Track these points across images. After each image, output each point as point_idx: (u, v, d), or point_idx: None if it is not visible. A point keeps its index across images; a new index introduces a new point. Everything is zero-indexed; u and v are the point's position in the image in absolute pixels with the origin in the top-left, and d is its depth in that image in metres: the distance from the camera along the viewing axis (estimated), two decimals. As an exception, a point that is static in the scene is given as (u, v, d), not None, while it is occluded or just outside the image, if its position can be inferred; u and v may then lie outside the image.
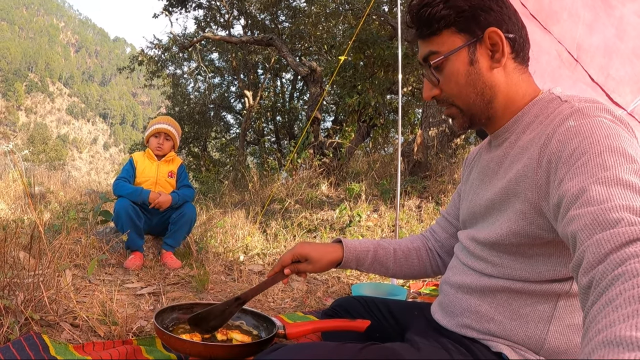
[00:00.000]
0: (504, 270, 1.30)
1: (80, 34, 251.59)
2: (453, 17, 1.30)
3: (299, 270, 1.73)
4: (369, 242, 1.81)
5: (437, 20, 1.31)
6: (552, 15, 2.19)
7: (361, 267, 1.79)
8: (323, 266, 1.72)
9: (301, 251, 1.70)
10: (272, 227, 5.59)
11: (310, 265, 1.70)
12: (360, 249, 1.76)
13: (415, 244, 1.83)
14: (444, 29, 1.32)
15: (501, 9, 1.31)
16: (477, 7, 1.30)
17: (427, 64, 1.38)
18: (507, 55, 1.31)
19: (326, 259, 1.72)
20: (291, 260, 1.72)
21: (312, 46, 14.08)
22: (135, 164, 4.04)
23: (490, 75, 1.32)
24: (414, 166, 7.44)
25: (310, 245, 1.73)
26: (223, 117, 19.68)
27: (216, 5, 15.81)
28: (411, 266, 1.80)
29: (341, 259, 1.74)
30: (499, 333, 1.30)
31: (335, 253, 1.74)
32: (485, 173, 1.44)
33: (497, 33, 1.28)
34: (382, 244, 1.81)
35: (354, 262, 1.76)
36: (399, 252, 1.80)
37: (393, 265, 1.79)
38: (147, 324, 2.39)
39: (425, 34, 1.36)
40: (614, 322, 0.65)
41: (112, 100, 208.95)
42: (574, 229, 0.93)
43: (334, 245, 1.77)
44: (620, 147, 1.01)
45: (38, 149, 75.47)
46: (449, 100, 1.39)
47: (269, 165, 9.69)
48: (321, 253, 1.71)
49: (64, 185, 9.90)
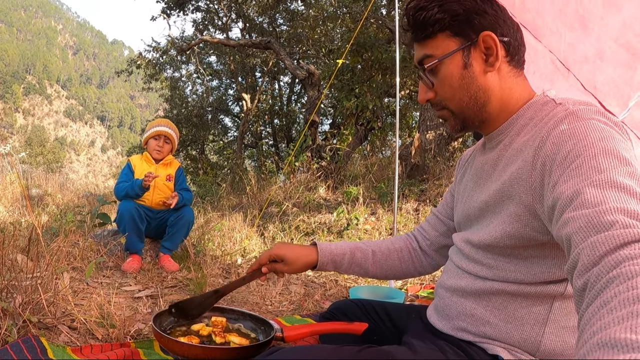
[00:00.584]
0: (498, 272, 1.31)
1: (78, 36, 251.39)
2: (447, 20, 1.31)
3: (275, 270, 1.79)
4: (345, 245, 1.83)
5: (432, 23, 1.32)
6: (537, 30, 2.21)
7: (339, 270, 1.82)
8: (298, 268, 1.77)
9: (278, 252, 1.76)
10: (270, 230, 5.59)
11: (286, 266, 1.76)
12: (336, 252, 1.79)
13: (396, 245, 1.85)
14: (439, 32, 1.33)
15: (496, 13, 1.31)
16: (471, 10, 1.30)
17: (422, 67, 1.39)
18: (502, 58, 1.32)
19: (301, 261, 1.76)
20: (268, 260, 1.78)
21: (310, 49, 14.11)
22: (134, 167, 4.04)
23: (484, 79, 1.32)
24: (411, 169, 7.44)
25: (287, 246, 1.78)
26: (221, 120, 19.69)
27: (214, 8, 15.82)
28: (392, 267, 1.82)
29: (316, 262, 1.78)
30: (494, 336, 1.30)
31: (310, 256, 1.77)
32: (479, 175, 1.44)
33: (491, 37, 1.28)
34: (359, 246, 1.83)
35: (330, 264, 1.79)
36: (378, 254, 1.82)
37: (372, 267, 1.81)
38: (145, 326, 2.39)
39: (421, 37, 1.37)
40: (608, 324, 0.66)
41: (110, 103, 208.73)
42: (568, 231, 0.93)
43: (310, 248, 1.80)
44: (615, 150, 1.02)
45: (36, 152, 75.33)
46: (442, 103, 1.39)
47: (266, 169, 9.71)
48: (297, 255, 1.76)
49: (61, 187, 9.88)
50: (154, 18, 15.05)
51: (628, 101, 2.33)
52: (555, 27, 2.17)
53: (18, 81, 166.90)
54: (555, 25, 2.17)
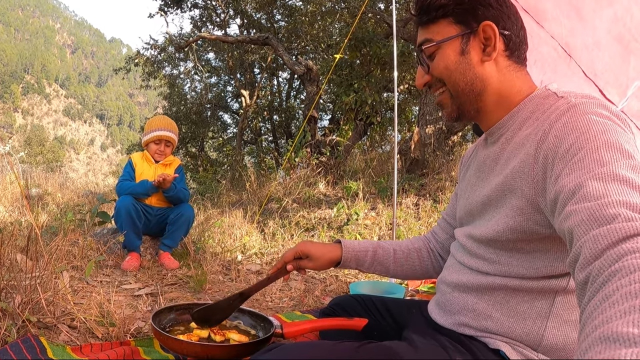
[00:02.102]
0: (500, 267, 1.30)
1: (76, 35, 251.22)
2: (452, 7, 1.33)
3: (300, 267, 1.80)
4: (368, 242, 1.84)
5: (436, 8, 1.35)
6: (540, 14, 2.20)
7: (361, 267, 1.83)
8: (323, 264, 1.78)
9: (303, 249, 1.77)
10: (270, 227, 5.58)
11: (311, 262, 1.77)
12: (359, 249, 1.80)
13: (416, 245, 1.86)
14: (441, 17, 1.36)
15: (501, 7, 1.33)
16: (476, 0, 1.32)
17: (420, 50, 1.42)
18: (500, 51, 1.33)
19: (326, 257, 1.77)
20: (293, 257, 1.79)
21: (308, 45, 14.08)
22: (134, 165, 4.03)
23: (482, 68, 1.34)
24: (411, 164, 7.44)
25: (312, 243, 1.79)
26: (220, 116, 19.66)
27: (212, 5, 15.79)
28: (412, 266, 1.83)
29: (340, 258, 1.79)
30: (496, 330, 1.30)
31: (334, 252, 1.79)
32: (481, 170, 1.44)
33: (491, 27, 1.30)
34: (382, 245, 1.84)
35: (353, 261, 1.80)
36: (399, 252, 1.83)
37: (393, 265, 1.82)
38: (145, 324, 2.39)
39: (424, 20, 1.40)
40: (610, 318, 0.65)
41: (109, 101, 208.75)
42: (570, 224, 0.93)
43: (334, 245, 1.82)
44: (617, 143, 1.01)
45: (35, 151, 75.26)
46: (439, 83, 1.41)
47: (266, 165, 9.70)
48: (321, 251, 1.77)
49: (61, 186, 9.89)
50: (151, 15, 15.02)
51: (626, 90, 2.33)
52: (555, 13, 2.17)
53: (16, 81, 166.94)
54: (555, 12, 2.17)
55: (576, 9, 2.12)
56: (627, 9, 2.07)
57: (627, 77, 2.30)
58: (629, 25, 2.11)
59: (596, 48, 2.24)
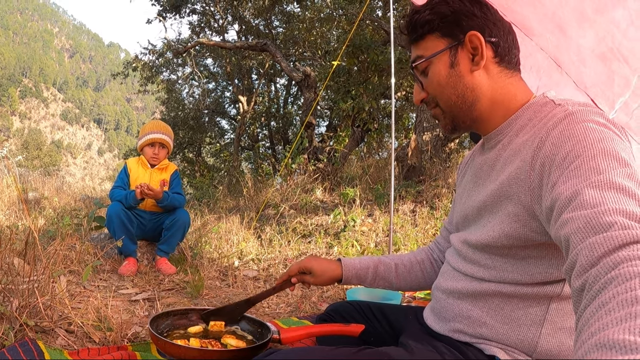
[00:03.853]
0: (495, 273, 1.31)
1: (74, 39, 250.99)
2: (437, 22, 1.36)
3: (303, 281, 1.88)
4: (369, 259, 1.88)
5: (422, 25, 1.39)
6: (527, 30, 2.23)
7: (364, 283, 1.87)
8: (324, 281, 1.86)
9: (307, 265, 1.85)
10: (267, 233, 5.58)
11: (313, 278, 1.85)
12: (359, 267, 1.85)
13: (418, 257, 1.88)
14: (428, 33, 1.39)
15: (485, 15, 1.35)
16: (459, 12, 1.34)
17: (413, 68, 1.45)
18: (490, 59, 1.34)
19: (327, 275, 1.84)
20: (298, 271, 1.87)
21: (306, 51, 14.10)
22: (129, 171, 4.03)
23: (471, 78, 1.35)
24: (408, 170, 7.45)
25: (316, 260, 1.87)
26: (217, 122, 19.67)
27: (210, 11, 15.82)
28: (415, 279, 1.86)
29: (341, 277, 1.85)
30: (491, 337, 1.30)
31: (335, 271, 1.85)
32: (478, 175, 1.45)
33: (477, 36, 1.32)
34: (383, 260, 1.87)
35: (354, 279, 1.86)
36: (400, 266, 1.86)
37: (396, 280, 1.85)
38: (142, 329, 2.39)
39: (413, 38, 1.44)
40: (606, 325, 0.66)
41: (107, 106, 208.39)
42: (567, 232, 0.93)
43: (337, 263, 1.87)
44: (614, 151, 1.02)
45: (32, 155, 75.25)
46: (433, 101, 1.44)
47: (263, 171, 9.69)
48: (323, 269, 1.84)
49: (58, 191, 9.85)
50: (150, 21, 15.05)
51: (613, 104, 2.35)
52: (540, 30, 2.19)
53: (14, 84, 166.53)
54: (540, 29, 2.19)
55: (560, 28, 2.14)
56: (608, 30, 2.10)
57: (612, 92, 2.32)
58: (610, 45, 2.13)
59: (582, 65, 2.26)
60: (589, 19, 2.07)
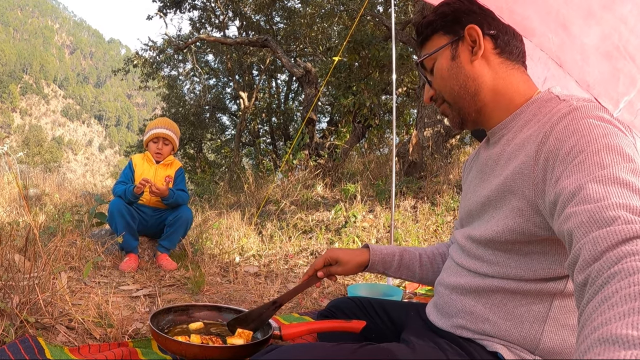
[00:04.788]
0: (499, 268, 1.30)
1: (75, 35, 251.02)
2: (439, 22, 1.45)
3: (330, 273, 1.85)
4: (394, 247, 1.89)
5: (425, 26, 1.48)
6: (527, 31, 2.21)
7: (388, 271, 1.86)
8: (351, 268, 1.83)
9: (332, 255, 1.82)
10: (268, 229, 5.58)
11: (340, 267, 1.82)
12: (386, 252, 1.84)
13: (440, 250, 1.89)
14: (433, 34, 1.47)
15: (483, 11, 1.42)
16: (459, 10, 1.43)
17: (421, 66, 1.52)
18: (490, 50, 1.39)
19: (354, 261, 1.82)
20: (323, 264, 1.84)
21: (307, 47, 14.08)
22: (134, 166, 4.03)
23: (471, 68, 1.39)
24: (409, 167, 7.44)
25: (340, 249, 1.85)
26: (218, 118, 19.67)
27: (211, 7, 15.80)
28: (437, 271, 1.84)
29: (368, 262, 1.83)
30: (494, 333, 1.30)
31: (362, 256, 1.83)
32: (482, 171, 1.45)
33: (474, 29, 1.37)
34: (408, 249, 1.88)
35: (380, 264, 1.84)
36: (424, 257, 1.86)
37: (419, 270, 1.85)
38: (143, 326, 2.39)
39: (420, 40, 1.53)
40: (609, 320, 0.66)
41: (107, 102, 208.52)
42: (570, 226, 0.93)
43: (362, 249, 1.86)
44: (618, 146, 1.02)
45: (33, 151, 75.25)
46: (440, 97, 1.48)
47: (264, 167, 9.70)
48: (350, 256, 1.82)
49: (59, 187, 9.86)
50: (150, 17, 15.03)
51: (618, 103, 2.34)
52: (542, 30, 2.18)
53: (15, 81, 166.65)
54: (542, 29, 2.17)
55: (563, 26, 2.12)
56: (615, 27, 2.08)
57: (617, 92, 2.31)
58: (616, 43, 2.11)
59: (585, 64, 2.25)
60: (596, 15, 2.06)
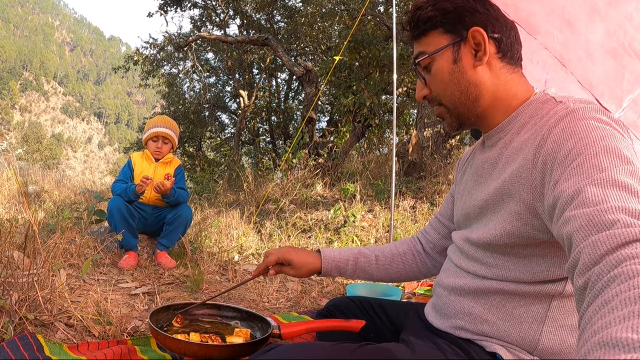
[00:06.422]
0: (497, 271, 1.31)
1: (75, 32, 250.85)
2: (439, 18, 1.36)
3: (281, 272, 1.86)
4: (349, 251, 1.88)
5: (425, 21, 1.38)
6: (532, 28, 2.21)
7: (344, 275, 1.87)
8: (303, 273, 1.84)
9: (286, 256, 1.82)
10: (267, 227, 5.58)
11: (293, 270, 1.83)
12: (339, 258, 1.84)
13: (400, 249, 1.88)
14: (431, 29, 1.38)
15: (487, 11, 1.34)
16: (462, 8, 1.34)
17: (417, 64, 1.44)
18: (492, 54, 1.34)
19: (306, 268, 1.83)
20: (276, 262, 1.84)
21: (307, 46, 14.09)
22: (133, 165, 4.03)
23: (474, 73, 1.34)
24: (408, 167, 7.44)
25: (295, 251, 1.84)
26: (218, 116, 19.64)
27: (212, 5, 15.79)
28: (396, 271, 1.86)
29: (320, 269, 1.84)
30: (492, 334, 1.30)
31: (315, 264, 1.83)
32: (479, 174, 1.44)
33: (480, 32, 1.31)
34: (363, 252, 1.87)
35: (334, 270, 1.85)
36: (381, 258, 1.85)
37: (376, 271, 1.86)
38: (142, 323, 2.39)
39: (416, 35, 1.43)
40: (610, 323, 0.65)
41: (107, 100, 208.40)
42: (569, 230, 0.93)
43: (316, 255, 1.85)
44: (616, 149, 1.01)
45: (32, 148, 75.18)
46: (437, 99, 1.43)
47: (263, 165, 9.69)
48: (303, 261, 1.82)
49: (58, 184, 9.84)
50: (150, 14, 15.02)
51: (621, 102, 2.33)
52: (547, 27, 2.17)
53: (15, 78, 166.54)
54: (547, 27, 2.17)
55: (568, 23, 2.12)
56: (620, 24, 2.07)
57: (621, 90, 2.30)
58: (622, 40, 2.11)
59: (590, 61, 2.24)
60: (601, 12, 2.05)
